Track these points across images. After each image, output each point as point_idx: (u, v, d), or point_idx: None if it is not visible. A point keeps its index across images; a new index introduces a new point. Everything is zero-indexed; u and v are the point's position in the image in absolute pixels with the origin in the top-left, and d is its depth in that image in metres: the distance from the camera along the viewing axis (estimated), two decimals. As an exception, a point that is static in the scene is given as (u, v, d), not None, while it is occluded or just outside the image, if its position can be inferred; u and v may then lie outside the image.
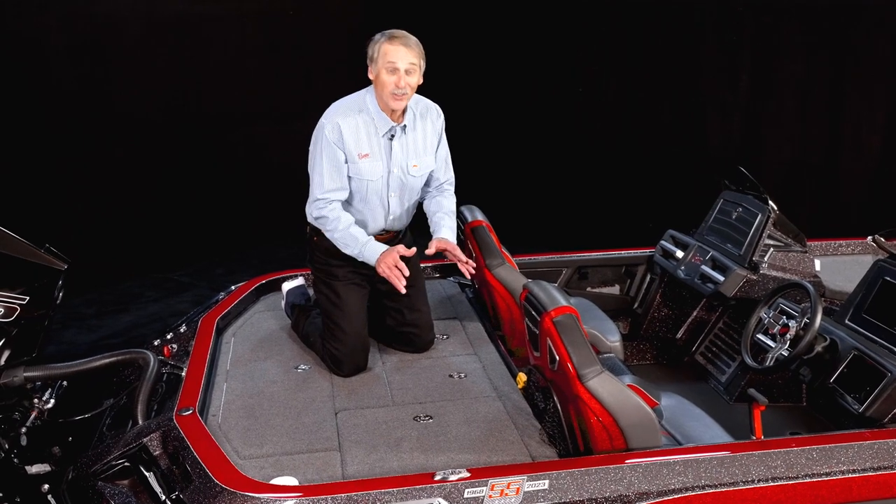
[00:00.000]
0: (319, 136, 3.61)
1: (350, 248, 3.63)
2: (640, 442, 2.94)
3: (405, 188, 3.78)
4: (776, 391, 4.29)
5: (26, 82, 6.91)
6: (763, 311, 4.00)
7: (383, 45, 3.52)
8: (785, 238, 4.49)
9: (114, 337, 6.36)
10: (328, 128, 3.58)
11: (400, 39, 3.53)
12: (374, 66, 3.55)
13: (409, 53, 3.52)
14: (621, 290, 5.17)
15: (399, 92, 3.52)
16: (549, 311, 2.97)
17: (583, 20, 8.25)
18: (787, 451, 2.89)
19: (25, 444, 3.39)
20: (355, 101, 3.66)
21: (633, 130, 8.07)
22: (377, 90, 3.59)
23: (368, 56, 3.58)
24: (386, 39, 3.53)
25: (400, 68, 3.50)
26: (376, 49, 3.54)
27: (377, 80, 3.56)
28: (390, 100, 3.55)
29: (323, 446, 3.09)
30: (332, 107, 3.68)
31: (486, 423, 3.26)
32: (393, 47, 3.51)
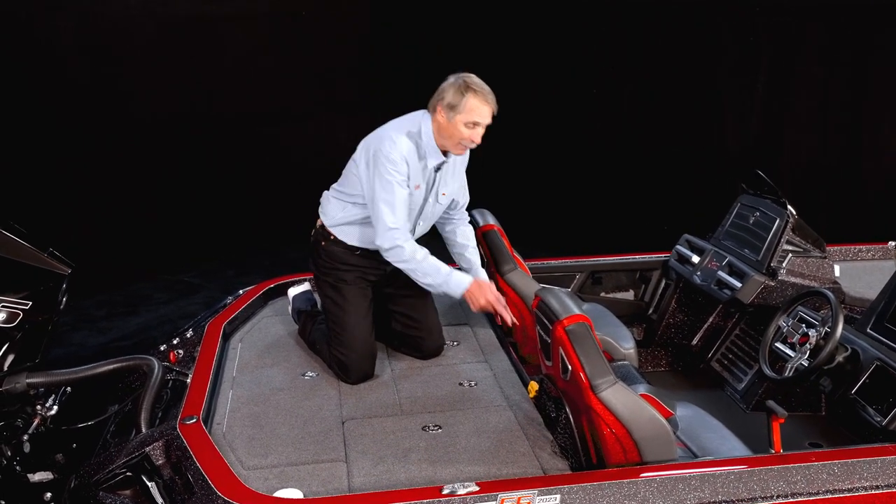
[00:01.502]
0: (384, 165, 3.50)
1: (431, 278, 3.57)
2: (654, 455, 2.86)
3: (431, 216, 3.81)
4: (794, 401, 4.19)
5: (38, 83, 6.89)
6: (782, 320, 3.90)
7: (472, 99, 3.46)
8: (804, 243, 4.39)
9: (123, 339, 6.33)
10: (398, 161, 3.50)
11: (487, 96, 3.49)
12: (452, 114, 3.48)
13: (490, 113, 3.52)
14: (636, 295, 5.09)
15: (470, 146, 3.56)
16: (562, 320, 2.90)
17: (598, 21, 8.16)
18: (808, 466, 2.80)
19: (28, 451, 3.34)
20: (412, 130, 3.58)
21: (649, 132, 7.98)
22: (444, 132, 3.54)
23: (446, 101, 3.49)
24: (473, 94, 3.47)
25: (481, 125, 3.51)
26: (463, 101, 3.46)
27: (450, 128, 3.51)
28: (455, 148, 3.57)
29: (329, 457, 3.02)
30: (390, 132, 3.57)
31: (497, 433, 3.18)
32: (480, 104, 3.48)
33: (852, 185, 6.71)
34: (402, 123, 3.61)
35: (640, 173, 8.03)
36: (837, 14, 6.53)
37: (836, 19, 6.56)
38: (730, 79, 7.31)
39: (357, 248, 3.72)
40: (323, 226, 3.77)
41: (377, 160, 3.51)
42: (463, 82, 3.48)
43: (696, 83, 7.54)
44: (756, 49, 7.05)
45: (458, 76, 3.52)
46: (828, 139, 6.84)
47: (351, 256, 3.74)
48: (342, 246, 3.73)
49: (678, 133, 7.78)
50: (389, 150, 3.49)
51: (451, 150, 3.57)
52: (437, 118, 3.53)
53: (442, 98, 3.50)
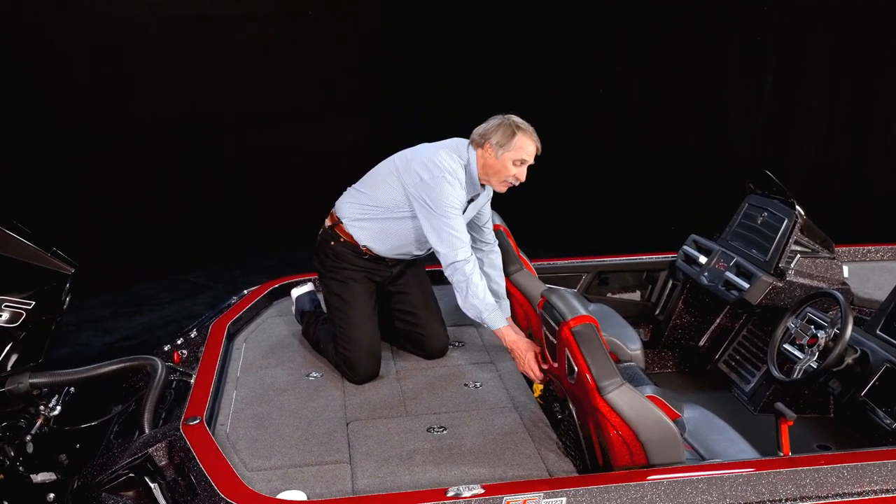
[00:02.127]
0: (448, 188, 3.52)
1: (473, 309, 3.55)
2: (661, 457, 2.83)
3: None
4: (802, 402, 4.15)
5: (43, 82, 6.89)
6: (790, 321, 3.86)
7: (521, 137, 3.53)
8: (812, 244, 4.35)
9: (128, 339, 6.32)
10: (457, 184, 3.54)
11: (534, 136, 3.58)
12: (500, 151, 3.53)
13: (536, 151, 3.58)
14: (642, 296, 5.05)
15: (514, 184, 3.60)
16: (568, 321, 2.87)
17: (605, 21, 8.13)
18: (817, 469, 2.76)
19: (31, 451, 3.33)
20: (462, 158, 3.61)
21: (655, 132, 7.95)
22: (490, 168, 3.58)
23: (495, 139, 3.54)
24: (524, 133, 3.55)
25: (527, 162, 3.56)
26: (513, 141, 3.52)
27: (497, 165, 3.55)
28: (500, 185, 3.62)
29: (333, 458, 3.00)
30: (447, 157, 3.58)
31: (502, 435, 3.15)
32: (529, 144, 3.55)
33: (860, 184, 6.67)
34: (453, 149, 3.64)
35: (646, 173, 8.00)
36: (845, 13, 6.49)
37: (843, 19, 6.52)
38: (737, 78, 7.28)
39: (366, 250, 3.71)
40: (333, 226, 3.75)
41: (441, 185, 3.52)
42: (512, 122, 3.57)
43: (704, 83, 7.51)
44: (763, 49, 7.02)
45: (505, 117, 3.60)
46: (835, 139, 6.80)
47: (358, 259, 3.73)
48: (351, 248, 3.72)
49: (685, 133, 7.74)
50: (453, 180, 3.53)
51: (495, 186, 3.64)
52: (483, 154, 3.58)
53: (489, 137, 3.55)
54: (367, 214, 3.68)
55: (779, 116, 7.06)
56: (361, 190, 3.75)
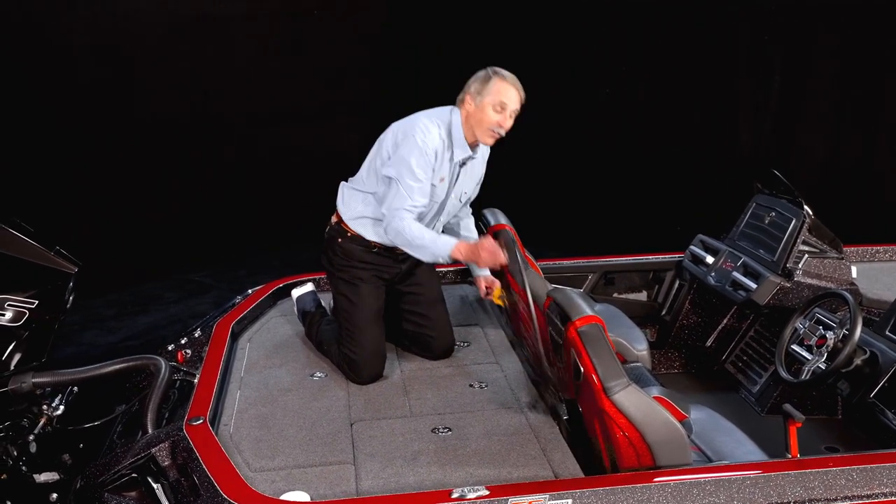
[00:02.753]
0: (413, 149, 3.46)
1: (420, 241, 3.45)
2: (668, 459, 2.80)
3: (450, 213, 3.78)
4: (810, 403, 4.12)
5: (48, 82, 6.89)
6: (798, 322, 3.83)
7: (497, 82, 3.47)
8: (820, 244, 4.32)
9: (133, 339, 6.31)
10: (428, 146, 3.46)
11: (513, 81, 3.49)
12: (479, 99, 3.47)
13: (518, 98, 3.51)
14: (649, 296, 5.02)
15: (499, 132, 3.51)
16: (574, 321, 2.84)
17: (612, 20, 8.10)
18: (826, 472, 2.73)
19: (34, 451, 3.31)
20: (443, 121, 3.55)
21: (662, 132, 7.92)
22: (471, 122, 3.51)
23: (473, 88, 3.49)
24: (500, 78, 3.48)
25: (508, 108, 3.48)
26: (488, 85, 3.47)
27: (478, 114, 3.48)
28: (485, 136, 3.52)
29: (337, 459, 2.98)
30: (422, 119, 3.54)
31: (508, 436, 3.13)
32: (507, 87, 3.47)
33: (869, 184, 6.63)
34: (432, 113, 3.58)
35: (653, 173, 7.97)
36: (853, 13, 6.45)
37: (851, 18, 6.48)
38: (744, 78, 7.24)
39: (374, 244, 3.67)
40: (340, 222, 3.72)
41: (406, 143, 3.47)
42: (489, 69, 3.51)
43: (711, 82, 7.48)
44: (771, 48, 6.98)
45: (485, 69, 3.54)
46: (843, 138, 6.76)
47: (367, 254, 3.69)
48: (359, 243, 3.68)
49: (692, 132, 7.71)
50: (423, 139, 3.46)
51: (481, 138, 3.53)
52: (465, 108, 3.52)
53: (469, 87, 3.51)
54: (366, 204, 3.65)
55: (786, 116, 7.03)
56: (356, 181, 3.74)
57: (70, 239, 3.67)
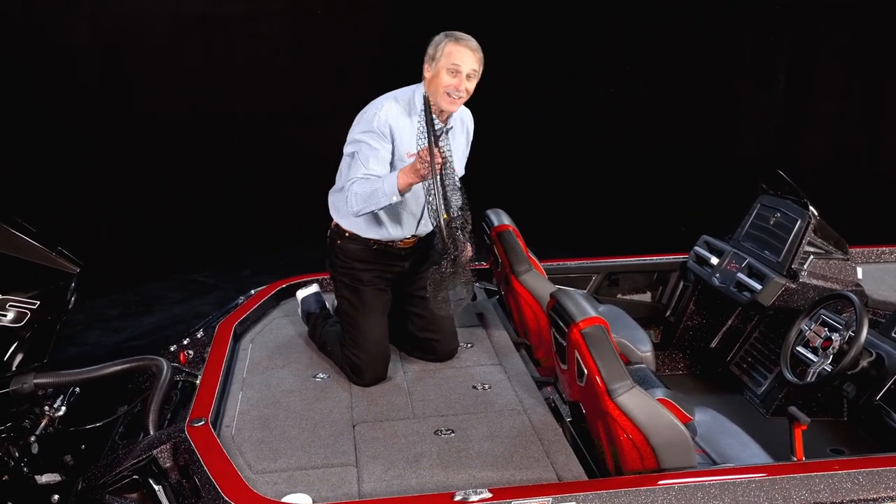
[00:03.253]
0: (366, 126, 3.45)
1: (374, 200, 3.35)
2: (672, 462, 2.78)
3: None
4: (815, 405, 4.10)
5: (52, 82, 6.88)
6: (804, 323, 3.81)
7: (448, 45, 3.41)
8: (826, 245, 4.29)
9: (137, 339, 6.31)
10: (378, 121, 3.44)
11: (465, 42, 3.42)
12: (434, 64, 3.42)
13: (473, 58, 3.43)
14: (653, 297, 5.00)
15: (457, 95, 3.43)
16: (578, 323, 2.82)
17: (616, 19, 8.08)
18: (832, 475, 2.71)
19: (36, 452, 3.30)
20: (405, 97, 3.53)
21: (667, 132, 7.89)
22: (431, 89, 3.45)
23: (428, 55, 3.45)
24: (451, 40, 3.42)
25: (462, 71, 3.40)
26: (439, 49, 3.42)
27: (434, 80, 3.43)
28: (444, 101, 3.44)
29: (339, 461, 2.96)
30: (380, 100, 3.54)
31: (511, 438, 3.11)
32: (458, 49, 3.40)
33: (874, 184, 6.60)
34: (394, 91, 3.57)
35: (658, 173, 7.94)
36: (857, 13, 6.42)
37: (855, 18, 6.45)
38: (749, 78, 7.22)
39: (373, 241, 3.65)
40: (337, 224, 3.71)
41: (361, 124, 3.47)
42: (443, 33, 3.45)
43: (716, 82, 7.46)
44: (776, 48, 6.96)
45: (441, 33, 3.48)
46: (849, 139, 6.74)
47: (368, 253, 3.66)
48: (358, 243, 3.66)
49: (697, 133, 7.69)
50: (375, 112, 3.45)
51: (441, 104, 3.44)
52: (425, 77, 3.48)
53: (426, 55, 3.47)
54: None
55: (791, 116, 7.00)
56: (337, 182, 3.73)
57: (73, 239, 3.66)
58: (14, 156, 6.68)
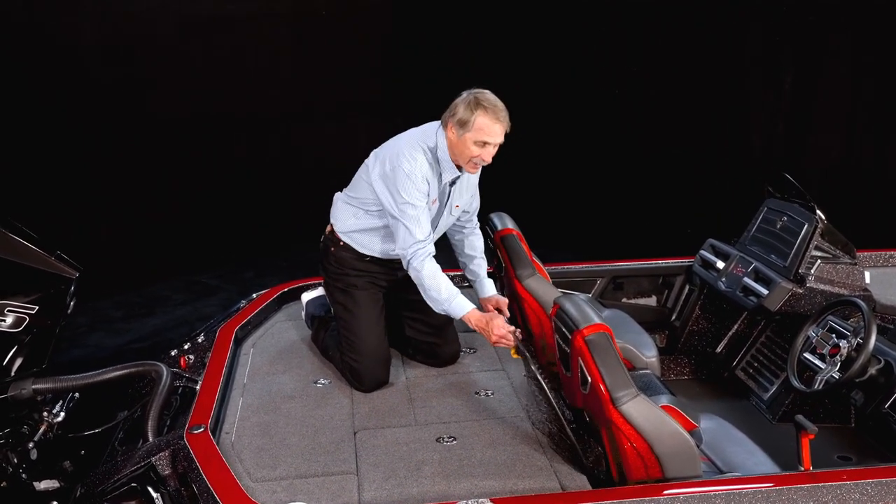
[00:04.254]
0: (404, 182, 3.39)
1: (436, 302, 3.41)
2: (677, 471, 2.74)
3: (445, 226, 3.73)
4: (822, 412, 4.05)
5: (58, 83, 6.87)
6: (811, 330, 3.76)
7: (481, 117, 3.33)
8: (833, 249, 4.25)
9: (140, 341, 6.28)
10: (417, 177, 3.39)
11: (498, 114, 3.35)
12: (462, 131, 3.36)
13: (502, 131, 3.38)
14: (658, 301, 4.95)
15: (481, 164, 3.44)
16: (581, 330, 2.78)
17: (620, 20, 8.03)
18: (839, 485, 2.67)
19: (35, 458, 3.28)
20: (428, 145, 3.46)
21: (672, 133, 7.84)
22: (455, 149, 3.42)
23: (456, 117, 3.37)
24: (484, 113, 3.33)
25: (491, 143, 3.38)
26: (473, 119, 3.33)
27: (460, 145, 3.39)
28: (467, 166, 3.46)
29: (339, 469, 2.93)
30: (407, 146, 3.46)
31: (514, 446, 3.08)
32: (490, 123, 3.34)
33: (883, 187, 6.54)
34: (417, 137, 3.49)
35: (663, 175, 7.89)
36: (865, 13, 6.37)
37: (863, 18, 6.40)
38: (756, 78, 7.17)
39: (366, 255, 3.64)
40: (333, 231, 3.69)
41: (397, 177, 3.40)
42: (474, 98, 3.35)
43: (722, 83, 7.40)
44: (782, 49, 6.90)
45: (471, 92, 3.40)
46: (856, 141, 6.68)
47: (360, 262, 3.66)
48: (352, 252, 3.64)
49: (702, 134, 7.64)
50: (411, 169, 3.38)
51: (465, 169, 3.48)
52: (448, 135, 3.42)
53: (453, 114, 3.38)
54: (357, 218, 3.60)
55: (798, 117, 6.95)
56: (348, 193, 3.69)
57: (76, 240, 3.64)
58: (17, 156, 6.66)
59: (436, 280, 3.38)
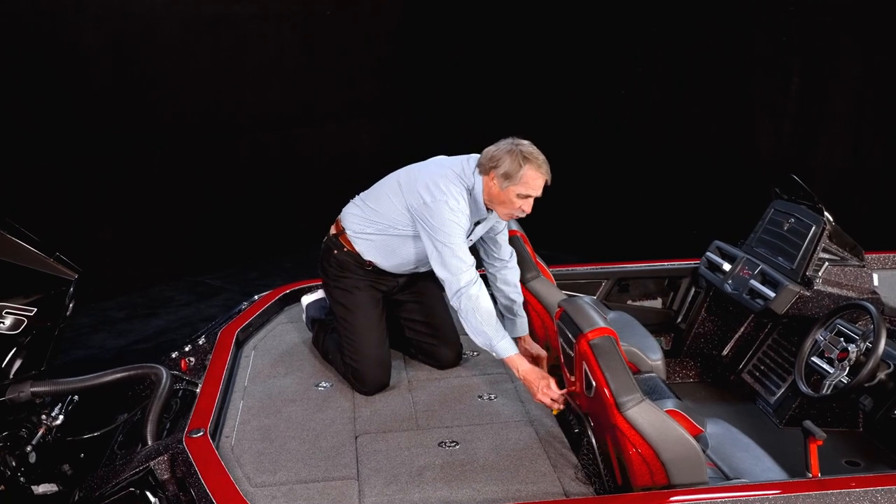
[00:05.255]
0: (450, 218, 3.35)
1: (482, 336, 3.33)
2: (683, 477, 2.70)
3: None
4: (830, 416, 4.00)
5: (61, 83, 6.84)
6: (819, 333, 3.71)
7: (529, 170, 3.31)
8: (841, 251, 4.20)
9: (143, 342, 6.27)
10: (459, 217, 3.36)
11: (543, 167, 3.34)
12: (506, 183, 3.32)
13: (545, 184, 3.37)
14: (664, 303, 4.91)
15: (520, 216, 3.43)
16: (586, 333, 2.74)
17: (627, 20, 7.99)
18: (848, 493, 2.62)
19: (34, 462, 3.25)
20: (466, 186, 3.43)
21: (678, 134, 7.79)
22: (495, 199, 3.39)
23: (503, 168, 3.32)
24: (531, 166, 3.31)
25: (534, 195, 3.36)
26: (521, 173, 3.30)
27: (502, 195, 3.36)
28: (504, 216, 3.46)
29: (340, 474, 2.89)
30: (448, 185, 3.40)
31: (517, 451, 3.03)
32: (538, 177, 3.33)
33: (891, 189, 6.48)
34: (458, 173, 3.45)
35: (669, 177, 7.85)
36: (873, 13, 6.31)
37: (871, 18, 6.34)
38: (762, 80, 7.11)
39: (369, 263, 3.61)
40: (338, 235, 3.65)
41: (440, 212, 3.35)
42: (520, 152, 3.32)
43: (728, 84, 7.35)
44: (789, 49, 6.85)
45: (514, 144, 3.36)
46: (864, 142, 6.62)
47: (361, 269, 3.64)
48: (354, 259, 3.61)
49: (708, 135, 7.59)
50: (455, 207, 3.35)
51: (501, 216, 3.48)
52: (489, 183, 3.38)
53: (496, 166, 3.34)
54: (371, 228, 3.56)
55: (805, 118, 6.89)
56: (367, 202, 3.63)
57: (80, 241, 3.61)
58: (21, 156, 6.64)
59: (484, 316, 3.31)
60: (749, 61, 7.17)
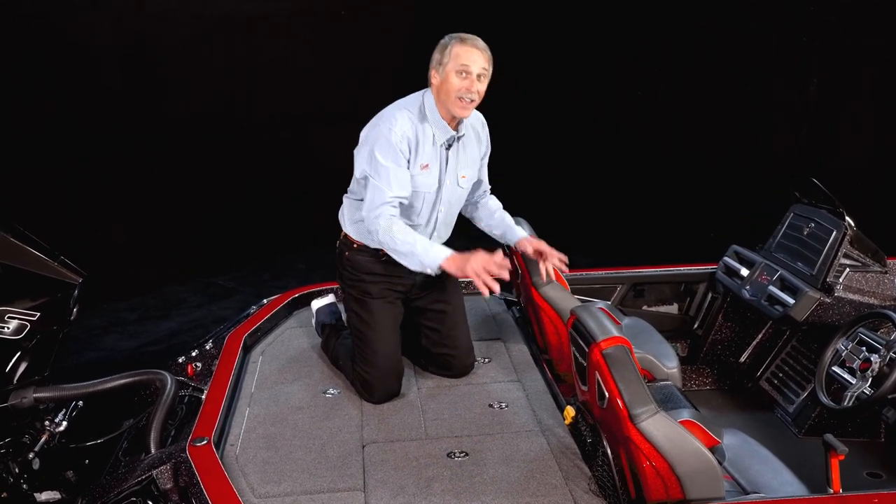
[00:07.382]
0: (380, 140, 3.30)
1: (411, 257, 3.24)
2: (699, 492, 2.62)
3: (453, 201, 3.56)
4: (851, 427, 3.90)
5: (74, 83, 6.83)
6: (840, 343, 3.61)
7: (455, 46, 3.28)
8: (862, 257, 4.10)
9: (154, 344, 6.23)
10: (394, 133, 3.29)
11: (473, 42, 3.30)
12: (442, 69, 3.30)
13: (482, 58, 3.30)
14: (680, 309, 4.82)
15: (468, 97, 3.30)
16: (599, 342, 2.66)
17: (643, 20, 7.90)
18: (871, 510, 2.54)
19: (37, 468, 3.20)
20: (415, 105, 3.38)
21: (695, 136, 7.70)
22: (441, 96, 3.33)
23: (435, 60, 3.33)
24: (458, 42, 3.29)
25: (473, 72, 3.27)
26: (446, 52, 3.29)
27: (444, 84, 3.30)
28: (455, 106, 3.31)
29: (346, 485, 2.82)
30: (390, 109, 3.40)
31: (528, 462, 2.95)
32: (466, 49, 3.27)
33: (913, 193, 6.37)
34: (402, 102, 3.42)
35: (685, 179, 7.76)
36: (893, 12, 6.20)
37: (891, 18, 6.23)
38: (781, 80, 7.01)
39: (382, 252, 3.50)
40: (346, 235, 3.58)
41: (373, 135, 3.32)
42: (448, 36, 3.33)
43: (746, 85, 7.26)
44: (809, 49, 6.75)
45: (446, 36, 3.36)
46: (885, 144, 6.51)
47: (376, 265, 3.52)
48: (367, 254, 3.52)
49: (726, 137, 7.50)
50: (389, 127, 3.29)
51: (452, 109, 3.32)
52: (433, 84, 3.35)
53: (431, 62, 3.34)
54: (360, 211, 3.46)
55: (825, 120, 6.79)
56: (350, 189, 3.60)
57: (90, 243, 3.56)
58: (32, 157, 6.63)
59: (405, 234, 3.22)
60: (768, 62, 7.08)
